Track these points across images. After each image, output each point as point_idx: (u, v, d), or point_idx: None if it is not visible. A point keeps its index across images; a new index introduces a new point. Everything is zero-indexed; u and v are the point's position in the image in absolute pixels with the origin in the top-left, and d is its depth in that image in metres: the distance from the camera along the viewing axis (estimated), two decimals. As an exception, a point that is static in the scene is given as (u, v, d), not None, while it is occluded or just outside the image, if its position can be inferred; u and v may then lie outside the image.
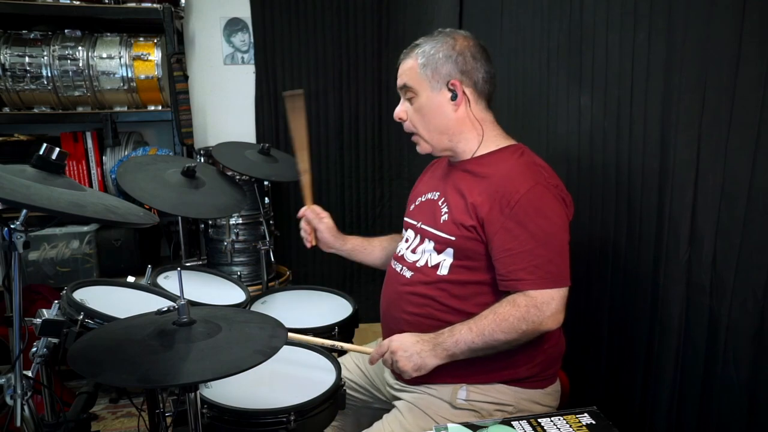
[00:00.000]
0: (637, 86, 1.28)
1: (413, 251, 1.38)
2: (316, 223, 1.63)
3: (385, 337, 1.44)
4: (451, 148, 1.36)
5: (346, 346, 1.42)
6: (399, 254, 1.44)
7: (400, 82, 1.36)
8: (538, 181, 1.24)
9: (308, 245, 1.66)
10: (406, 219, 1.49)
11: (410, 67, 1.33)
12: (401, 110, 1.38)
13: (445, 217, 1.32)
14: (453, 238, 1.28)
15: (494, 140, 1.36)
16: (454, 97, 1.31)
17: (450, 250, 1.29)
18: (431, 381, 1.32)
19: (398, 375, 1.38)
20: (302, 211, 1.65)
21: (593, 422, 1.05)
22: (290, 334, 1.41)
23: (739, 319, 1.04)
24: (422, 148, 1.39)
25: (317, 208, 1.64)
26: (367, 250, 1.65)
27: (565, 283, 1.23)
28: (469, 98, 1.32)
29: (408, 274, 1.37)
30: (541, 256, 1.21)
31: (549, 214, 1.24)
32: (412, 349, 1.24)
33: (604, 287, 1.46)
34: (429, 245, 1.34)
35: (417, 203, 1.47)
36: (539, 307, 1.20)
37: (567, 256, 1.25)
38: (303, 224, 1.65)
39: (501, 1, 1.97)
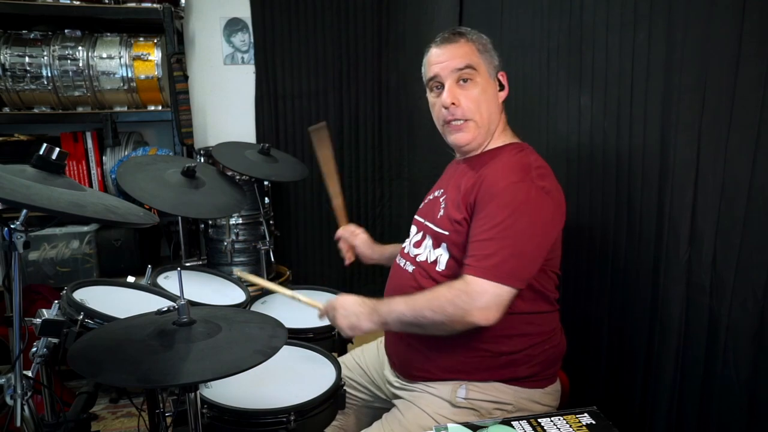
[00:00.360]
0: (637, 86, 1.28)
1: (416, 246, 1.40)
2: (352, 240, 1.69)
3: (388, 336, 1.44)
4: (486, 138, 1.35)
5: (298, 295, 1.48)
6: (404, 250, 1.45)
7: (459, 62, 1.29)
8: (522, 178, 1.22)
9: (347, 262, 1.71)
10: (415, 217, 1.50)
11: (470, 50, 1.31)
12: (454, 94, 1.30)
13: (441, 212, 1.34)
14: (447, 233, 1.29)
15: (502, 137, 1.37)
16: (501, 88, 1.35)
17: (444, 245, 1.30)
18: (430, 379, 1.32)
19: (400, 372, 1.39)
20: (338, 232, 1.71)
21: (593, 422, 1.05)
22: (252, 278, 1.60)
23: (739, 319, 1.04)
24: (469, 136, 1.32)
25: (351, 227, 1.71)
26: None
27: (512, 284, 1.17)
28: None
29: (410, 268, 1.38)
30: (496, 249, 1.17)
31: (524, 212, 1.19)
32: (351, 309, 1.28)
33: (604, 287, 1.46)
34: (429, 241, 1.36)
35: (426, 201, 1.48)
36: (470, 294, 1.16)
37: (532, 260, 1.20)
38: (341, 244, 1.71)
39: (501, 1, 1.97)
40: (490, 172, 1.26)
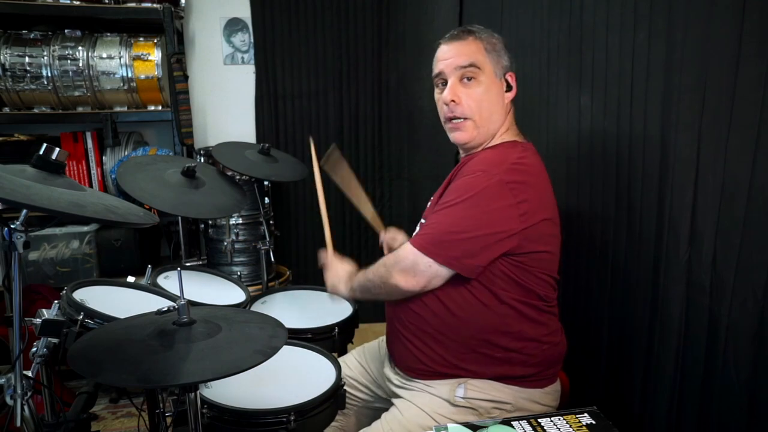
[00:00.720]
0: (637, 86, 1.29)
1: None
2: (393, 243, 1.70)
3: (388, 326, 1.44)
4: (487, 138, 1.35)
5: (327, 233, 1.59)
6: None
7: (463, 60, 1.29)
8: (486, 170, 1.22)
9: None
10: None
11: (476, 48, 1.31)
12: (455, 92, 1.30)
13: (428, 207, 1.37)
14: None
15: (506, 136, 1.36)
16: (509, 89, 1.35)
17: None
18: (430, 376, 1.32)
19: (400, 368, 1.41)
20: (381, 237, 1.73)
21: (593, 422, 1.05)
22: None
23: (739, 319, 1.04)
24: (467, 135, 1.33)
25: (391, 231, 1.72)
26: None
27: (435, 257, 1.21)
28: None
29: None
30: (434, 225, 1.25)
31: (473, 199, 1.20)
32: (339, 272, 1.46)
33: (604, 287, 1.46)
34: None
35: (431, 200, 1.48)
36: (396, 255, 1.28)
37: (470, 244, 1.20)
38: (386, 250, 1.72)
39: (501, 1, 1.97)
40: (466, 168, 1.29)
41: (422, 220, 1.47)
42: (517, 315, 1.27)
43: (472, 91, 1.30)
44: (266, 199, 2.56)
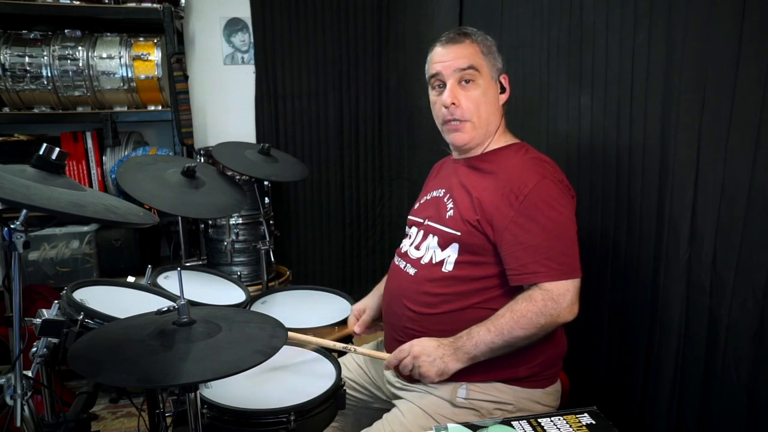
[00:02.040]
0: (637, 86, 1.29)
1: (417, 248, 1.39)
2: (367, 318, 1.61)
3: (386, 333, 1.44)
4: (484, 140, 1.37)
5: (359, 350, 1.42)
6: (402, 251, 1.44)
7: (462, 63, 1.31)
8: (545, 175, 1.26)
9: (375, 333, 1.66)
10: (410, 217, 1.50)
11: (474, 51, 1.32)
12: (454, 94, 1.31)
13: (450, 212, 1.34)
14: (458, 233, 1.29)
15: (502, 138, 1.38)
16: (502, 90, 1.36)
17: (455, 246, 1.30)
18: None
19: (404, 375, 1.38)
20: (355, 330, 1.62)
21: (593, 422, 1.05)
22: (302, 336, 1.42)
23: (739, 319, 1.04)
24: (466, 136, 1.35)
25: (351, 318, 1.64)
26: None
27: (578, 275, 1.24)
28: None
29: (412, 271, 1.37)
30: (553, 248, 1.22)
31: (558, 207, 1.25)
32: (435, 353, 1.25)
33: (604, 287, 1.46)
34: (433, 241, 1.35)
35: (422, 201, 1.48)
36: (556, 299, 1.20)
37: (577, 248, 1.26)
38: (366, 332, 1.64)
39: (501, 1, 1.97)
40: (510, 177, 1.27)
41: (414, 218, 1.46)
42: None
43: (471, 94, 1.32)
44: (266, 199, 2.56)
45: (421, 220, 1.43)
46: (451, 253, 1.30)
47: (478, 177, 1.33)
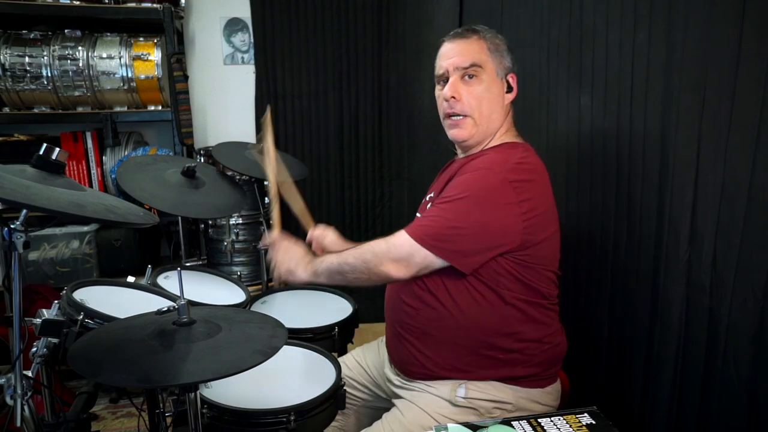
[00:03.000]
0: (637, 86, 1.28)
1: None
2: (322, 240, 1.62)
3: (387, 327, 1.44)
4: (485, 137, 1.35)
5: (274, 213, 1.51)
6: None
7: (466, 59, 1.30)
8: (490, 167, 1.24)
9: None
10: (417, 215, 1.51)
11: (479, 47, 1.32)
12: (456, 88, 1.31)
13: (429, 206, 1.35)
14: None
15: (504, 137, 1.37)
16: (509, 90, 1.35)
17: None
18: (430, 377, 1.32)
19: (399, 370, 1.40)
20: (309, 234, 1.64)
21: (593, 422, 1.05)
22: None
23: (739, 319, 1.04)
24: (466, 132, 1.33)
25: (320, 227, 1.65)
26: None
27: (433, 250, 1.20)
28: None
29: None
30: (434, 217, 1.23)
31: (476, 196, 1.21)
32: (294, 254, 1.36)
33: (604, 287, 1.46)
34: None
35: (422, 202, 1.48)
36: (389, 242, 1.23)
37: (470, 240, 1.20)
38: (313, 246, 1.64)
39: (501, 1, 1.97)
40: (469, 166, 1.29)
41: (417, 215, 1.47)
42: (520, 316, 1.27)
43: (473, 89, 1.31)
44: (266, 199, 2.56)
45: (418, 214, 1.43)
46: None
47: (457, 171, 1.34)
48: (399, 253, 1.22)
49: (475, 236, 1.21)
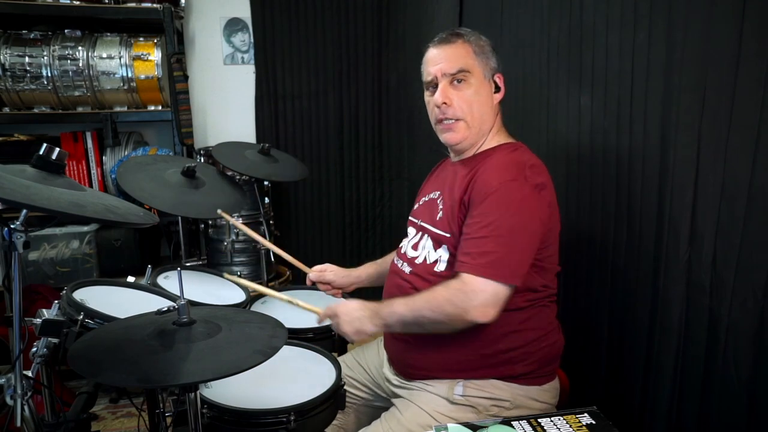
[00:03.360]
0: (637, 86, 1.29)
1: (414, 248, 1.40)
2: (324, 278, 1.67)
3: (386, 334, 1.44)
4: (478, 139, 1.36)
5: (301, 303, 1.46)
6: (402, 251, 1.45)
7: (452, 66, 1.31)
8: (515, 176, 1.24)
9: (338, 296, 1.72)
10: (410, 218, 1.51)
11: (465, 52, 1.32)
12: (446, 94, 1.31)
13: (440, 214, 1.34)
14: (448, 235, 1.30)
15: (497, 138, 1.38)
16: (497, 90, 1.36)
17: (446, 246, 1.31)
18: (428, 377, 1.33)
19: (398, 370, 1.40)
20: (309, 278, 1.70)
21: (593, 422, 1.05)
22: (252, 285, 1.56)
23: (739, 319, 1.04)
24: (459, 135, 1.34)
25: (315, 268, 1.69)
26: (383, 267, 1.66)
27: (509, 281, 1.18)
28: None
29: (407, 269, 1.39)
30: (492, 248, 1.19)
31: (515, 210, 1.21)
32: (354, 314, 1.30)
33: (604, 287, 1.46)
34: (428, 242, 1.36)
35: (421, 202, 1.48)
36: (467, 293, 1.17)
37: (526, 257, 1.22)
38: (320, 288, 1.70)
39: (501, 1, 1.97)
40: (482, 172, 1.27)
41: (413, 219, 1.47)
42: (520, 315, 1.27)
43: (463, 93, 1.32)
44: (266, 199, 2.57)
45: (417, 221, 1.44)
46: (443, 254, 1.31)
47: (463, 177, 1.33)
48: (484, 298, 1.17)
49: (531, 250, 1.23)
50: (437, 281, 1.29)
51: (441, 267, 1.31)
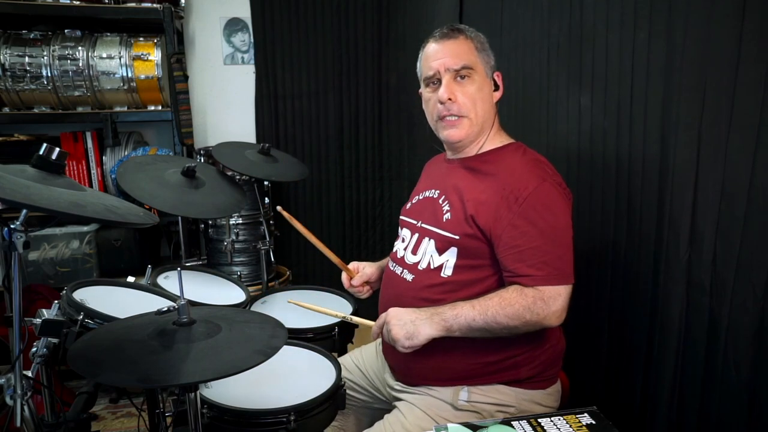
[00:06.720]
0: (637, 86, 1.28)
1: (413, 252, 1.37)
2: (364, 277, 1.57)
3: (383, 342, 1.42)
4: (479, 138, 1.36)
5: (355, 318, 1.45)
6: (398, 256, 1.42)
7: (456, 62, 1.29)
8: (545, 178, 1.25)
9: (367, 296, 1.61)
10: (402, 218, 1.48)
11: (468, 48, 1.31)
12: (451, 90, 1.30)
13: (447, 215, 1.31)
14: (457, 237, 1.27)
15: (498, 137, 1.37)
16: (496, 88, 1.36)
17: (453, 250, 1.28)
18: (432, 383, 1.32)
19: (401, 378, 1.38)
20: (350, 280, 1.58)
21: (593, 422, 1.05)
22: (305, 305, 1.52)
23: (739, 319, 1.04)
24: (462, 133, 1.32)
25: (353, 264, 1.61)
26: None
27: (571, 281, 1.23)
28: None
29: (409, 276, 1.35)
30: (549, 252, 1.21)
31: (556, 211, 1.24)
32: (406, 317, 1.23)
33: (604, 287, 1.46)
34: (430, 245, 1.32)
35: (414, 201, 1.46)
36: (546, 301, 1.19)
37: (572, 254, 1.25)
38: (358, 288, 1.59)
39: (501, 1, 1.97)
40: (510, 179, 1.26)
41: (407, 219, 1.45)
42: None
43: (467, 89, 1.30)
44: (266, 199, 2.57)
45: (415, 222, 1.40)
46: (450, 257, 1.28)
47: (476, 179, 1.32)
48: (560, 303, 1.20)
49: (572, 246, 1.26)
50: (445, 289, 1.27)
51: (447, 272, 1.28)
